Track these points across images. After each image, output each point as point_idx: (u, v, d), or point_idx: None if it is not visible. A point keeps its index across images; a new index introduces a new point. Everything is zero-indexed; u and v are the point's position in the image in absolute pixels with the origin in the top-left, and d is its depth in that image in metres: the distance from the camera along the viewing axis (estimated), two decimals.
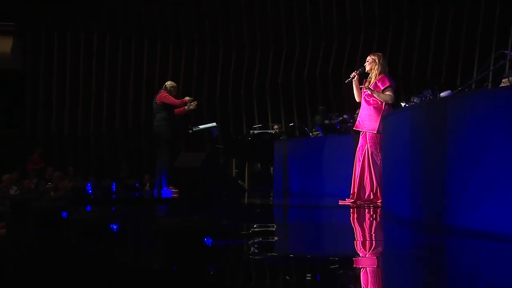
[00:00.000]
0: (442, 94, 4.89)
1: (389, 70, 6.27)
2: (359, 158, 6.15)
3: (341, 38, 13.04)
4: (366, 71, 6.16)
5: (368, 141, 6.08)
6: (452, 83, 11.14)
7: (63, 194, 8.09)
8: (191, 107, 8.31)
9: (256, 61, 13.68)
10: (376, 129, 5.98)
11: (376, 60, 6.08)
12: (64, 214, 4.20)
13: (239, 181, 10.18)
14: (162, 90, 8.33)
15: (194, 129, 9.48)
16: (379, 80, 6.04)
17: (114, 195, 9.34)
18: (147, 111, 13.52)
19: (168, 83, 8.40)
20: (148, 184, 11.04)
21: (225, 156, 11.69)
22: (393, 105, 6.08)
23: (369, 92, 6.00)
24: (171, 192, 8.03)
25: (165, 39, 13.81)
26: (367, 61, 6.15)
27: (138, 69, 13.80)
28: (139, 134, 13.74)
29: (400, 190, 4.45)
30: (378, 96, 5.97)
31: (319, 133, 8.68)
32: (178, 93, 8.63)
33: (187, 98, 8.43)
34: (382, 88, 6.00)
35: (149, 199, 8.24)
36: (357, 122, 6.24)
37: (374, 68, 6.08)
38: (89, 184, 9.55)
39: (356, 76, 6.18)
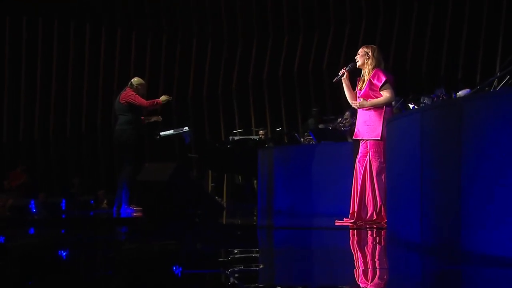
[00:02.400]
0: (458, 94, 4.95)
1: (395, 65, 6.30)
2: (359, 170, 6.15)
3: (338, 27, 13.13)
4: (357, 66, 6.15)
5: (369, 150, 6.08)
6: (471, 81, 11.27)
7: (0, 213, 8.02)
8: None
9: (237, 54, 13.71)
10: (379, 135, 5.98)
11: (370, 53, 6.06)
12: (1, 239, 4.16)
13: (216, 198, 10.17)
14: (127, 88, 8.30)
15: (161, 135, 9.45)
16: (373, 77, 6.03)
17: (64, 214, 9.28)
18: (104, 114, 13.48)
19: (135, 80, 8.37)
20: (105, 201, 10.97)
21: (199, 167, 11.67)
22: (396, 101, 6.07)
23: (362, 105, 6.00)
24: (132, 211, 7.99)
25: (127, 27, 13.78)
26: (359, 54, 6.12)
27: (94, 63, 13.75)
28: (95, 141, 13.67)
29: (408, 209, 4.47)
30: (372, 104, 5.98)
31: (311, 140, 8.71)
32: (146, 92, 8.61)
33: (162, 97, 8.37)
34: (379, 85, 5.99)
35: (106, 219, 8.19)
36: (356, 130, 6.22)
37: (367, 62, 6.07)
38: (32, 202, 9.47)
39: (346, 74, 6.18)
